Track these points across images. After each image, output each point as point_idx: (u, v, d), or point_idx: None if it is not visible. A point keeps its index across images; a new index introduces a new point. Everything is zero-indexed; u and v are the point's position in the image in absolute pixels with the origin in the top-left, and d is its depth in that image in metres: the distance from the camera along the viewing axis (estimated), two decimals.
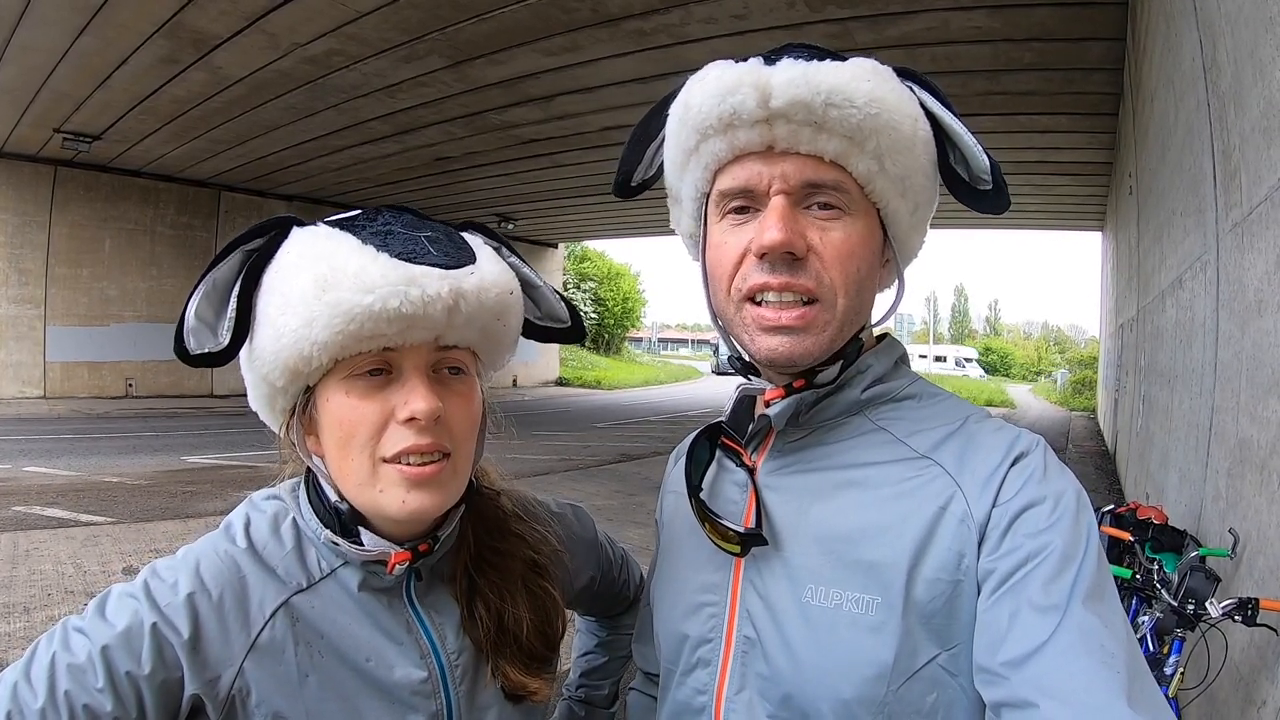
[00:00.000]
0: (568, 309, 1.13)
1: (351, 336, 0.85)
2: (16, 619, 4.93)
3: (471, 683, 1.00)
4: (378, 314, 0.84)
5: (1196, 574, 2.51)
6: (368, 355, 0.88)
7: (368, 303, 0.84)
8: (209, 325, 0.92)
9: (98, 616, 0.84)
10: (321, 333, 0.85)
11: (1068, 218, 21.30)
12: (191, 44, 11.29)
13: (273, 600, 0.91)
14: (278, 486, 1.03)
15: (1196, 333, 4.17)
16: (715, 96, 0.85)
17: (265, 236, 0.93)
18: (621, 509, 9.10)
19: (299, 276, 0.87)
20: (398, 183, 20.39)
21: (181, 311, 0.91)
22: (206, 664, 0.85)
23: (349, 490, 0.92)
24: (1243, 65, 2.91)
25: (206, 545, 0.93)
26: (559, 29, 10.72)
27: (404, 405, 0.88)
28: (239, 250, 0.92)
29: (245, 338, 0.93)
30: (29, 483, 9.39)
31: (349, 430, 0.89)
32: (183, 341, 0.91)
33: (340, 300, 0.84)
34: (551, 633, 1.08)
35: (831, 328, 0.88)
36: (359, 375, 0.89)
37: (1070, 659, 0.71)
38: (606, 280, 48.13)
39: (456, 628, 1.00)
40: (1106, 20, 9.16)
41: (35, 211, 18.63)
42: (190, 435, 14.68)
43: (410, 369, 0.90)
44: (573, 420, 20.80)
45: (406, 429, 0.88)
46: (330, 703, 0.91)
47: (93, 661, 0.79)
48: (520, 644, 1.02)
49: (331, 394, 0.90)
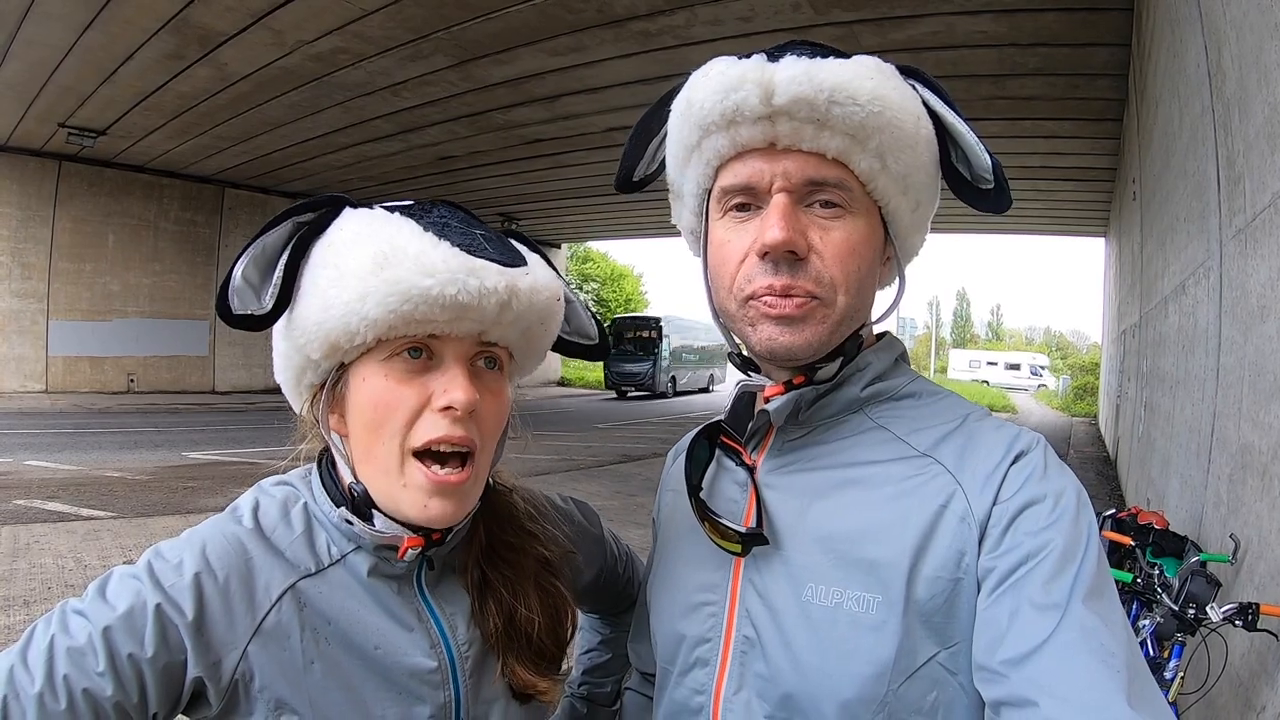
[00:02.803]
0: (596, 326, 1.13)
1: (403, 317, 0.85)
2: (16, 612, 4.93)
3: (479, 676, 0.99)
4: (435, 299, 0.84)
5: (1197, 579, 2.50)
6: (404, 338, 0.88)
7: (427, 285, 0.84)
8: (254, 288, 0.90)
9: (98, 598, 0.81)
10: (374, 309, 0.84)
11: (1071, 223, 21.30)
12: (197, 40, 11.31)
13: (279, 584, 0.89)
14: (288, 474, 1.01)
15: (1199, 339, 4.16)
16: (718, 93, 0.85)
17: (317, 211, 0.92)
18: (622, 509, 9.09)
19: (357, 252, 0.87)
20: (401, 181, 20.40)
21: (229, 271, 0.90)
22: (210, 646, 0.83)
23: (372, 475, 0.91)
24: (1247, 71, 2.91)
25: (213, 527, 0.91)
26: (564, 29, 10.73)
27: (443, 393, 0.88)
28: (290, 220, 0.91)
29: (287, 307, 0.91)
30: (30, 476, 9.40)
31: (383, 414, 0.89)
32: (227, 300, 0.89)
33: (400, 279, 0.84)
34: (562, 632, 1.07)
35: (830, 322, 0.88)
36: (398, 356, 0.89)
37: (1070, 658, 0.71)
38: (609, 281, 48.18)
39: (467, 619, 0.99)
40: (1111, 26, 9.17)
41: (39, 206, 18.68)
42: (191, 431, 14.70)
43: (451, 358, 0.90)
44: (574, 420, 20.80)
45: (441, 418, 0.88)
46: (334, 691, 0.89)
47: (93, 644, 0.77)
48: (531, 642, 1.01)
49: (369, 374, 0.89)
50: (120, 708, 0.77)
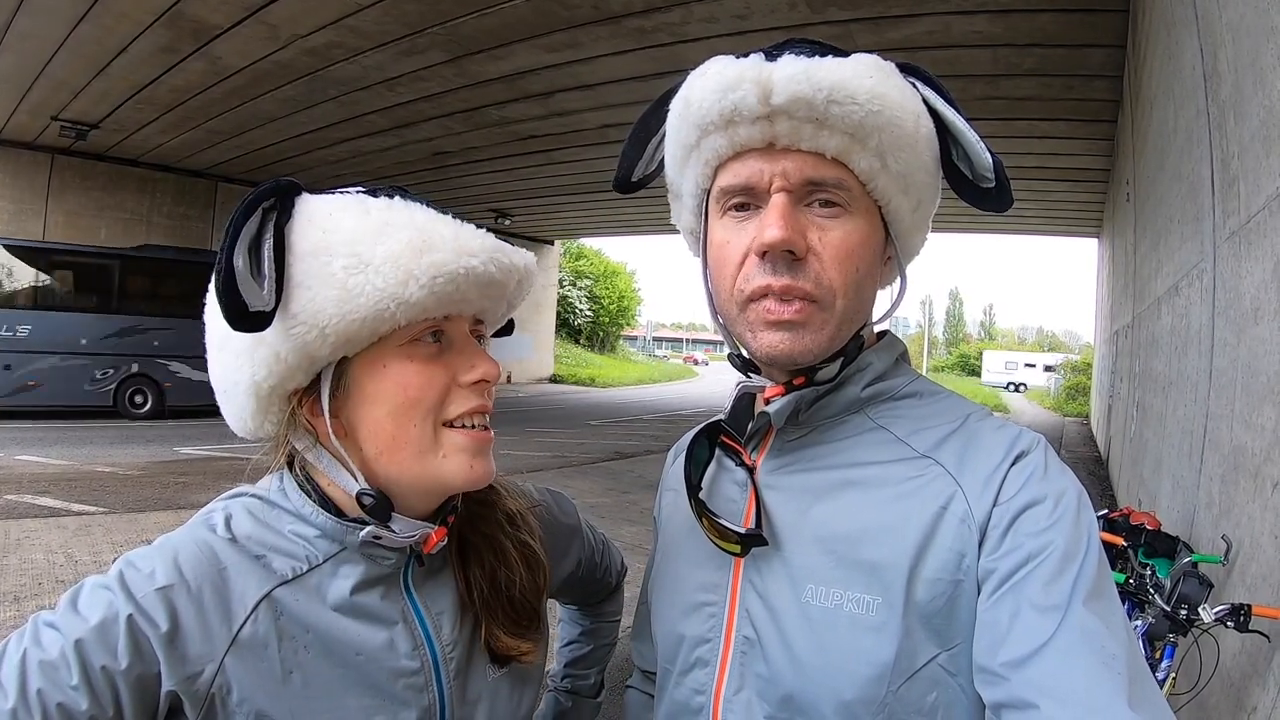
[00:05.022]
0: None
1: (445, 298, 0.88)
2: (7, 608, 4.91)
3: (465, 675, 0.98)
4: (479, 276, 0.89)
5: (1190, 579, 2.51)
6: (427, 322, 0.90)
7: (472, 265, 0.88)
8: (256, 281, 0.84)
9: (70, 610, 0.80)
10: (418, 292, 0.85)
11: (1064, 223, 21.34)
12: (191, 34, 11.24)
13: (255, 593, 0.87)
14: (258, 483, 0.99)
15: (1192, 340, 4.18)
16: (716, 92, 0.84)
17: (275, 198, 0.87)
18: (614, 506, 9.10)
19: (386, 239, 0.85)
20: (395, 176, 20.33)
21: (222, 264, 0.82)
22: (186, 659, 0.81)
23: (403, 462, 0.90)
24: (1243, 74, 2.92)
25: (185, 535, 0.89)
26: (560, 25, 10.70)
27: (471, 369, 0.92)
28: (261, 209, 0.86)
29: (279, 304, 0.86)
30: (21, 471, 9.36)
31: (416, 394, 0.89)
32: (239, 296, 0.82)
33: (445, 262, 0.86)
34: (540, 581, 1.07)
35: (830, 326, 0.88)
36: (419, 341, 0.90)
37: (1071, 660, 0.71)
38: (602, 278, 48.09)
39: (453, 619, 0.98)
40: (1107, 27, 9.19)
41: (31, 199, 18.54)
42: (182, 426, 14.63)
43: (461, 336, 0.94)
44: (566, 417, 20.78)
45: (472, 391, 0.93)
46: (316, 700, 0.87)
47: (66, 657, 0.75)
48: (514, 602, 1.02)
49: (390, 360, 0.89)
50: None
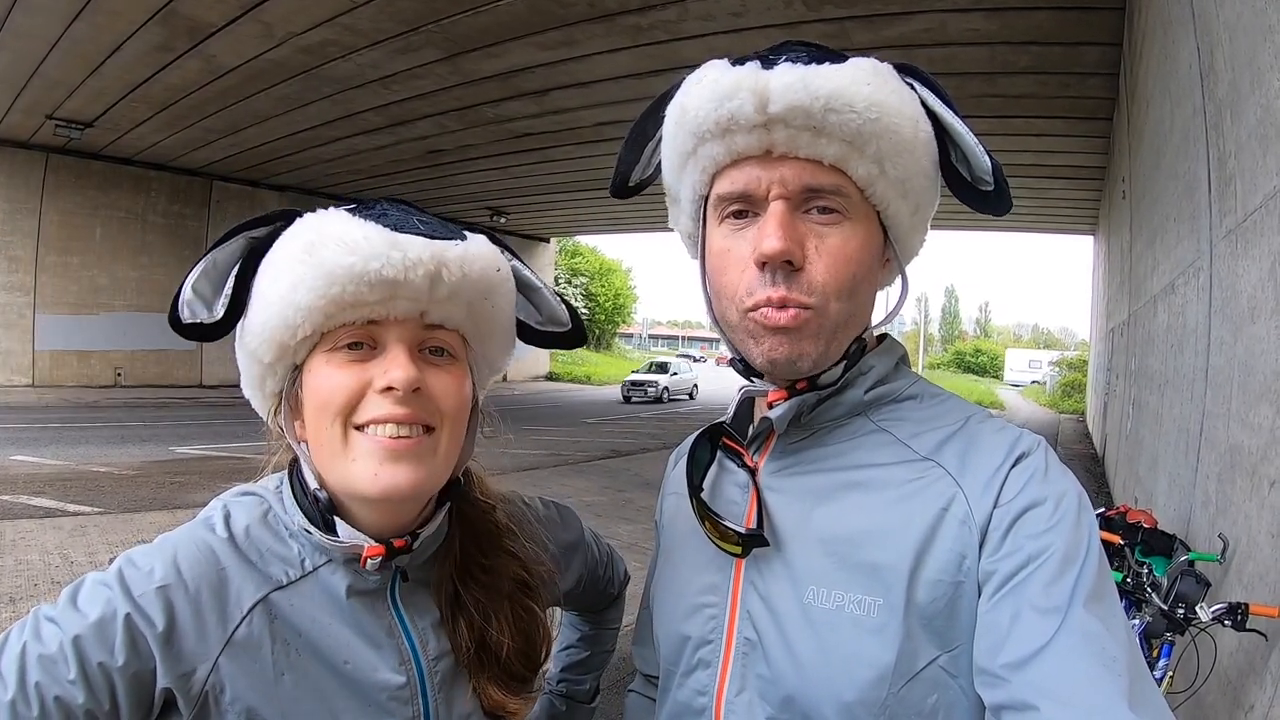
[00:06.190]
0: (568, 311, 1.11)
1: (334, 301, 0.85)
2: (3, 609, 4.90)
3: (450, 691, 0.98)
4: (359, 275, 0.84)
5: (1187, 578, 2.51)
6: (350, 328, 0.88)
7: (349, 263, 0.84)
8: (205, 300, 0.92)
9: (70, 606, 0.81)
10: (305, 295, 0.85)
11: (1060, 221, 21.42)
12: (185, 32, 11.23)
13: (250, 595, 0.88)
14: (259, 482, 1.00)
15: (1188, 338, 4.19)
16: (712, 101, 0.84)
17: (270, 226, 0.93)
18: (611, 505, 9.10)
19: (289, 245, 0.89)
20: (390, 174, 20.33)
21: (181, 282, 0.91)
22: (181, 658, 0.82)
23: (326, 464, 0.90)
24: (1240, 73, 2.92)
25: (184, 535, 0.90)
26: (555, 23, 10.71)
27: (382, 374, 0.87)
28: (242, 236, 0.92)
29: (238, 317, 0.92)
30: (16, 471, 9.34)
31: (326, 398, 0.88)
32: (177, 310, 0.91)
33: (324, 260, 0.84)
34: (535, 655, 1.06)
35: (826, 332, 0.87)
36: (340, 348, 0.89)
37: (1071, 661, 0.71)
38: (598, 276, 48.15)
39: (439, 634, 0.99)
40: (1103, 25, 9.21)
41: (25, 198, 18.52)
42: (179, 425, 14.63)
43: (393, 341, 0.89)
44: (562, 415, 20.80)
45: (383, 398, 0.87)
46: (306, 702, 0.88)
47: (64, 652, 0.77)
48: (500, 664, 1.01)
49: (314, 366, 0.90)
50: (91, 715, 0.77)
